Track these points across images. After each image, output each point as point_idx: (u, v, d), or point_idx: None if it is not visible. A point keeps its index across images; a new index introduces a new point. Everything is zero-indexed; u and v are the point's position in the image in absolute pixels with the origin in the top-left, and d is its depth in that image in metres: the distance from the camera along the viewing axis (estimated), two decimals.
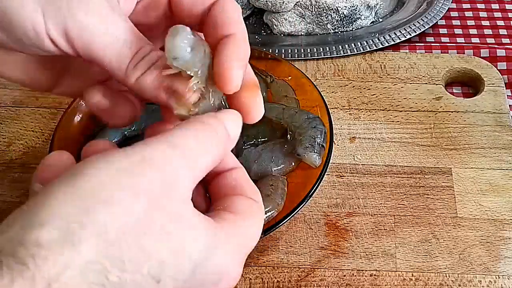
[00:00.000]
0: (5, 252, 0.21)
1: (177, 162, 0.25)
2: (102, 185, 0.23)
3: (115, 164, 0.24)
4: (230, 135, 0.28)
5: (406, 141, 0.55)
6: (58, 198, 0.22)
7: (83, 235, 0.21)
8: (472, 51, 0.64)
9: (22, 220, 0.22)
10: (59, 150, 0.31)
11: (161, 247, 0.23)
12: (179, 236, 0.24)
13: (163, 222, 0.24)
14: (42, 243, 0.21)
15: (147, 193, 0.23)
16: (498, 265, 0.46)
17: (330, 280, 0.46)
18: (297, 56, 0.63)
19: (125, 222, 0.22)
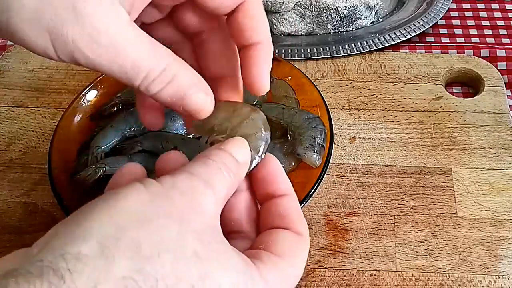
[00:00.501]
0: (46, 262, 0.22)
1: (198, 187, 0.26)
2: (137, 209, 0.24)
3: (150, 190, 0.25)
4: (239, 161, 0.29)
5: (406, 141, 0.55)
6: (97, 216, 0.24)
7: (117, 251, 0.22)
8: (472, 51, 0.64)
9: (65, 233, 0.23)
10: None
11: (191, 269, 0.24)
12: (208, 261, 0.25)
13: (193, 243, 0.24)
14: (80, 257, 0.22)
15: (178, 215, 0.25)
16: (498, 265, 0.46)
17: (330, 280, 0.46)
18: (297, 56, 0.63)
19: (158, 241, 0.23)
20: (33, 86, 0.61)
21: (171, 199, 0.25)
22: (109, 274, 0.22)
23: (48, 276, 0.21)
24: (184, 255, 0.24)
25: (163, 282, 0.23)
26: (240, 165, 0.30)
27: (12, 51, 0.65)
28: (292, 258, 0.29)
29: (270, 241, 0.29)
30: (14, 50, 0.65)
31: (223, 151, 0.29)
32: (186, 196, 0.26)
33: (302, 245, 0.30)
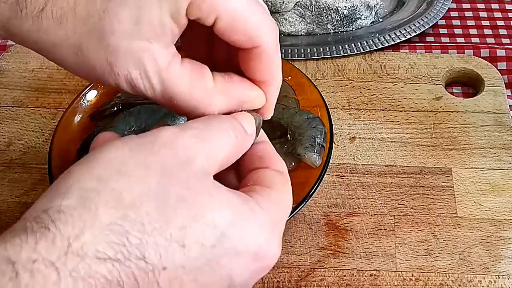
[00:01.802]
0: (29, 219, 0.23)
1: (187, 140, 0.27)
2: (116, 160, 0.25)
3: (128, 144, 0.26)
4: (247, 131, 0.30)
5: (406, 141, 0.55)
6: (76, 173, 0.25)
7: (99, 200, 0.23)
8: (472, 51, 0.64)
9: (45, 194, 0.24)
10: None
11: (178, 213, 0.24)
12: (197, 202, 0.25)
13: (178, 190, 0.25)
14: (63, 210, 0.23)
15: (159, 167, 0.25)
16: (498, 265, 0.46)
17: (330, 280, 0.46)
18: (297, 56, 0.63)
19: (139, 190, 0.24)
20: (33, 86, 0.61)
21: (151, 151, 0.26)
22: (95, 222, 0.23)
23: (32, 227, 0.22)
24: (169, 201, 0.24)
25: (150, 226, 0.23)
26: (248, 135, 0.30)
27: (12, 51, 0.65)
28: (281, 189, 0.30)
29: (257, 178, 0.30)
30: (14, 50, 0.65)
31: (233, 118, 0.30)
32: (169, 149, 0.26)
33: (285, 180, 0.31)
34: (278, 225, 0.28)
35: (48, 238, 0.22)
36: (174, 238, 0.24)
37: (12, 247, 0.21)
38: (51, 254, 0.21)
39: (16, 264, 0.21)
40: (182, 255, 0.24)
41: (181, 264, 0.24)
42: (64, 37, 0.28)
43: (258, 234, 0.27)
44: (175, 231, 0.24)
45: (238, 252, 0.26)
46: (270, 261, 0.28)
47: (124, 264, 0.23)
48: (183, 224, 0.24)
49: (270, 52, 0.31)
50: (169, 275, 0.24)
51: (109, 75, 0.28)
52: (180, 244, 0.24)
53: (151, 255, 0.23)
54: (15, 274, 0.21)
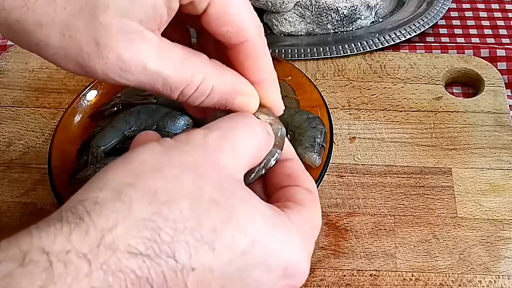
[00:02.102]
0: (65, 209, 0.23)
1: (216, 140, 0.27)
2: (152, 160, 0.25)
3: (163, 145, 0.26)
4: (269, 132, 0.30)
5: (406, 141, 0.55)
6: (113, 169, 0.25)
7: (134, 195, 0.23)
8: (472, 51, 0.64)
9: (83, 187, 0.25)
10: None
11: (211, 214, 0.24)
12: (228, 206, 0.25)
13: (210, 192, 0.25)
14: (98, 202, 0.23)
15: (192, 166, 0.25)
16: (498, 265, 0.46)
17: (330, 280, 0.46)
18: (297, 56, 0.63)
19: (174, 187, 0.24)
20: (33, 86, 0.61)
21: (185, 151, 0.26)
22: (129, 216, 0.23)
23: (67, 218, 0.22)
24: (202, 201, 0.24)
25: (182, 224, 0.23)
26: (269, 135, 0.30)
27: (12, 51, 0.65)
28: (312, 207, 0.30)
29: (288, 195, 0.30)
30: (14, 50, 0.65)
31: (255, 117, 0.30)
32: (200, 150, 0.26)
33: (315, 199, 0.31)
34: (309, 243, 0.28)
35: (82, 229, 0.22)
36: (205, 240, 0.24)
37: (47, 237, 0.22)
38: (84, 246, 0.22)
39: (50, 254, 0.21)
40: (212, 258, 0.24)
41: (210, 267, 0.24)
42: (51, 15, 0.26)
43: (290, 249, 0.26)
44: (206, 232, 0.24)
45: (269, 265, 0.26)
46: (299, 279, 0.27)
47: (154, 261, 0.22)
48: (214, 227, 0.24)
49: (258, 46, 0.31)
50: (197, 278, 0.24)
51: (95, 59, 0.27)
52: (210, 246, 0.24)
53: (181, 254, 0.23)
54: (49, 264, 0.21)
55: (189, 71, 0.28)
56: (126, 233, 0.22)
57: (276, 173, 0.31)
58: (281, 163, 0.32)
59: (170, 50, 0.28)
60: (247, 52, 0.30)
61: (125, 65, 0.27)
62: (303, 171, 0.32)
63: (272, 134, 0.31)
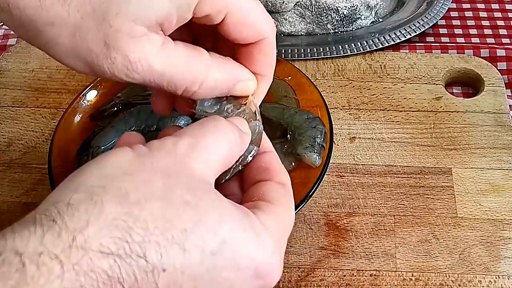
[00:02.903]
0: (39, 211, 0.24)
1: (184, 147, 0.27)
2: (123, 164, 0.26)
3: (135, 150, 0.27)
4: (242, 130, 0.31)
5: (406, 141, 0.55)
6: (86, 172, 0.26)
7: (105, 197, 0.24)
8: (472, 51, 0.64)
9: (57, 189, 0.25)
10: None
11: (182, 215, 0.25)
12: (199, 207, 0.25)
13: (182, 193, 0.25)
14: (71, 204, 0.23)
15: (164, 170, 0.26)
16: (498, 265, 0.46)
17: (330, 280, 0.46)
18: (297, 56, 0.63)
19: (145, 189, 0.25)
20: (33, 86, 0.61)
21: (156, 157, 0.27)
22: (100, 216, 0.23)
23: (40, 220, 0.23)
24: (172, 202, 0.25)
25: (153, 225, 0.24)
26: (243, 133, 0.31)
27: (12, 51, 0.65)
28: (285, 205, 0.30)
29: (261, 193, 0.30)
30: (14, 50, 0.65)
31: (226, 120, 0.31)
32: (171, 156, 0.27)
33: (288, 193, 0.31)
34: (280, 243, 0.29)
35: (54, 231, 0.22)
36: (176, 240, 0.24)
37: (20, 239, 0.22)
38: (56, 247, 0.22)
39: (23, 255, 0.21)
40: (182, 258, 0.24)
41: (181, 268, 0.24)
42: (64, 15, 0.28)
43: (260, 250, 0.27)
44: (177, 233, 0.24)
45: (239, 265, 0.26)
46: (271, 279, 0.28)
47: (125, 261, 0.23)
48: (185, 227, 0.24)
49: (273, 43, 0.32)
50: (168, 279, 0.24)
51: (103, 60, 0.28)
52: (181, 247, 0.24)
53: (152, 254, 0.23)
54: (22, 265, 0.21)
55: (193, 69, 0.30)
56: (98, 233, 0.23)
57: (252, 166, 0.32)
58: (257, 156, 0.32)
59: (174, 50, 0.30)
60: (261, 48, 0.32)
61: (132, 66, 0.28)
62: (278, 164, 0.33)
63: (248, 132, 0.32)
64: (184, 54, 0.30)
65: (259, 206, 0.29)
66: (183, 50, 0.30)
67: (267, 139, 0.34)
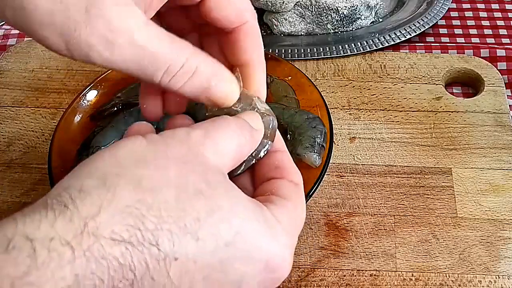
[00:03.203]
0: (51, 196, 0.23)
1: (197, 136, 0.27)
2: (137, 151, 0.26)
3: (148, 139, 0.26)
4: (253, 126, 0.30)
5: (406, 141, 0.55)
6: (99, 159, 0.25)
7: (119, 183, 0.24)
8: (472, 51, 0.64)
9: (69, 175, 0.25)
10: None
11: (195, 204, 0.24)
12: (213, 197, 0.25)
13: (196, 182, 0.25)
14: (83, 189, 0.23)
15: (178, 158, 0.26)
16: (498, 265, 0.46)
17: (330, 280, 0.46)
18: (297, 56, 0.63)
19: (159, 177, 0.24)
20: (33, 86, 0.61)
21: (170, 145, 0.26)
22: (113, 202, 0.23)
23: (52, 205, 0.22)
24: (186, 191, 0.25)
25: (166, 213, 0.24)
26: (254, 129, 0.30)
27: (12, 51, 0.65)
28: (296, 201, 0.30)
29: (274, 188, 0.30)
30: (14, 50, 0.65)
31: (237, 117, 0.30)
32: (185, 144, 0.26)
33: (300, 192, 0.31)
34: (292, 237, 0.28)
35: (66, 216, 0.22)
36: (189, 229, 0.24)
37: (31, 223, 0.22)
38: (67, 233, 0.22)
39: (34, 241, 0.21)
40: (195, 248, 0.24)
41: (193, 257, 0.24)
42: None
43: (272, 244, 0.27)
44: (190, 221, 0.24)
45: (251, 258, 0.26)
46: (282, 273, 0.28)
47: (137, 248, 0.23)
48: (199, 216, 0.24)
49: (256, 27, 0.32)
50: (180, 268, 0.24)
51: (82, 28, 0.26)
52: (194, 236, 0.24)
53: (165, 242, 0.23)
54: (33, 251, 0.21)
55: (175, 49, 0.28)
56: (110, 220, 0.22)
57: (264, 164, 0.32)
58: (270, 154, 0.32)
59: (158, 30, 0.28)
60: (246, 32, 0.32)
61: (113, 35, 0.26)
62: (290, 163, 0.32)
63: (261, 128, 0.31)
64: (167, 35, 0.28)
65: (272, 200, 0.29)
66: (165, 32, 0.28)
67: (281, 139, 0.34)
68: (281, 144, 0.34)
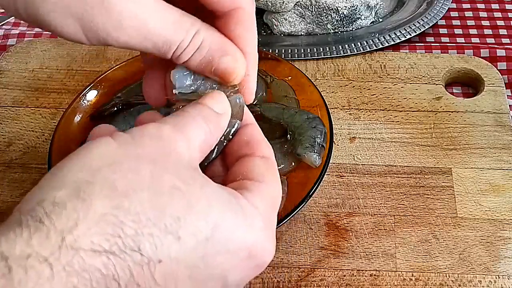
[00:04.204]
0: (24, 212, 0.22)
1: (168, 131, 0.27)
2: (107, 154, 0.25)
3: (116, 139, 0.26)
4: (218, 112, 0.30)
5: (406, 141, 0.55)
6: (68, 166, 0.24)
7: (93, 190, 0.23)
8: (472, 51, 0.64)
9: (38, 186, 0.24)
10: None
11: (173, 203, 0.24)
12: (189, 192, 0.25)
13: (170, 180, 0.25)
14: (57, 202, 0.22)
15: (149, 157, 0.25)
16: (498, 265, 0.46)
17: (330, 280, 0.46)
18: (297, 56, 0.63)
19: (132, 178, 0.24)
20: (33, 86, 0.61)
21: (140, 144, 0.26)
22: (89, 213, 0.22)
23: (26, 221, 0.22)
24: (162, 190, 0.24)
25: (144, 216, 0.23)
26: (219, 115, 0.30)
27: (12, 51, 0.65)
28: (270, 180, 0.30)
29: (246, 170, 0.30)
30: (14, 50, 0.65)
31: (199, 104, 0.30)
32: (156, 142, 0.26)
33: (272, 167, 0.31)
34: (270, 220, 0.28)
35: (42, 233, 0.21)
36: (169, 229, 0.24)
37: (6, 242, 0.21)
38: (44, 249, 0.21)
39: (9, 259, 0.21)
40: (178, 247, 0.24)
41: (176, 257, 0.24)
42: None
43: (251, 231, 0.27)
44: (170, 221, 0.24)
45: (232, 248, 0.26)
46: (264, 258, 0.28)
47: (119, 257, 0.22)
48: (178, 215, 0.24)
49: (252, 16, 0.31)
50: (164, 270, 0.23)
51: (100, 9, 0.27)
52: (175, 236, 0.24)
53: (146, 247, 0.23)
54: (8, 270, 0.20)
55: (186, 24, 0.29)
56: (88, 231, 0.22)
57: (234, 142, 0.32)
58: (240, 129, 0.32)
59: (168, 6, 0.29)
60: (238, 19, 0.31)
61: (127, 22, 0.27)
62: (260, 136, 0.32)
63: (227, 111, 0.31)
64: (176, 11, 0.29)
65: (245, 185, 0.29)
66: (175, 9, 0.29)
67: (248, 112, 0.33)
68: (250, 118, 0.33)
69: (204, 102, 0.30)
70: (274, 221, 0.29)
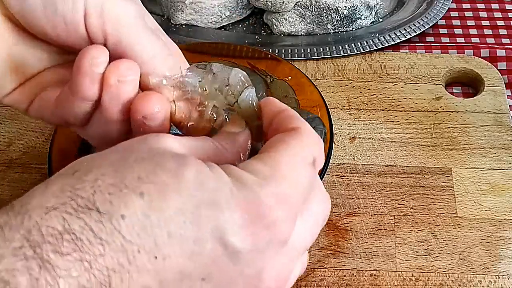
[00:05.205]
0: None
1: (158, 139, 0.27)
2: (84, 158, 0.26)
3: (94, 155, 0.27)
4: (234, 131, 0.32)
5: (406, 141, 0.55)
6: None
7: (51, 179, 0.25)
8: (472, 51, 0.64)
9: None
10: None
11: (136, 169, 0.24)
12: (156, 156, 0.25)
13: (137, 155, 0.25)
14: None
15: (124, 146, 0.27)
16: (498, 265, 0.46)
17: (330, 280, 0.46)
18: (297, 56, 0.63)
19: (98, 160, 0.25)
20: None
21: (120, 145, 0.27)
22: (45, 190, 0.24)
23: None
24: (127, 163, 0.24)
25: (103, 182, 0.23)
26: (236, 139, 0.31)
27: None
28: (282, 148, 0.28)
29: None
30: None
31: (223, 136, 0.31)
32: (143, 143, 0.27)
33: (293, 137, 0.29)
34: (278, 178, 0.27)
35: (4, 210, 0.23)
36: (130, 188, 0.23)
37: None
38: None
39: None
40: (143, 203, 0.23)
41: (143, 212, 0.23)
42: None
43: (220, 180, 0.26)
44: (130, 181, 0.23)
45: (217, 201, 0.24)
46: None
47: (75, 216, 0.22)
48: (139, 175, 0.24)
49: None
50: (132, 225, 0.23)
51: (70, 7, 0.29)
52: (137, 192, 0.23)
53: (106, 204, 0.23)
54: None
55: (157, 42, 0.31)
56: (41, 199, 0.23)
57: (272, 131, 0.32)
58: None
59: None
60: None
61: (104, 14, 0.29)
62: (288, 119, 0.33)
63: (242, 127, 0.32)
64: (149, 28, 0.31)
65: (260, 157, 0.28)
66: None
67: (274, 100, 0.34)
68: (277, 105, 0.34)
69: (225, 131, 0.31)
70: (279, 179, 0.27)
